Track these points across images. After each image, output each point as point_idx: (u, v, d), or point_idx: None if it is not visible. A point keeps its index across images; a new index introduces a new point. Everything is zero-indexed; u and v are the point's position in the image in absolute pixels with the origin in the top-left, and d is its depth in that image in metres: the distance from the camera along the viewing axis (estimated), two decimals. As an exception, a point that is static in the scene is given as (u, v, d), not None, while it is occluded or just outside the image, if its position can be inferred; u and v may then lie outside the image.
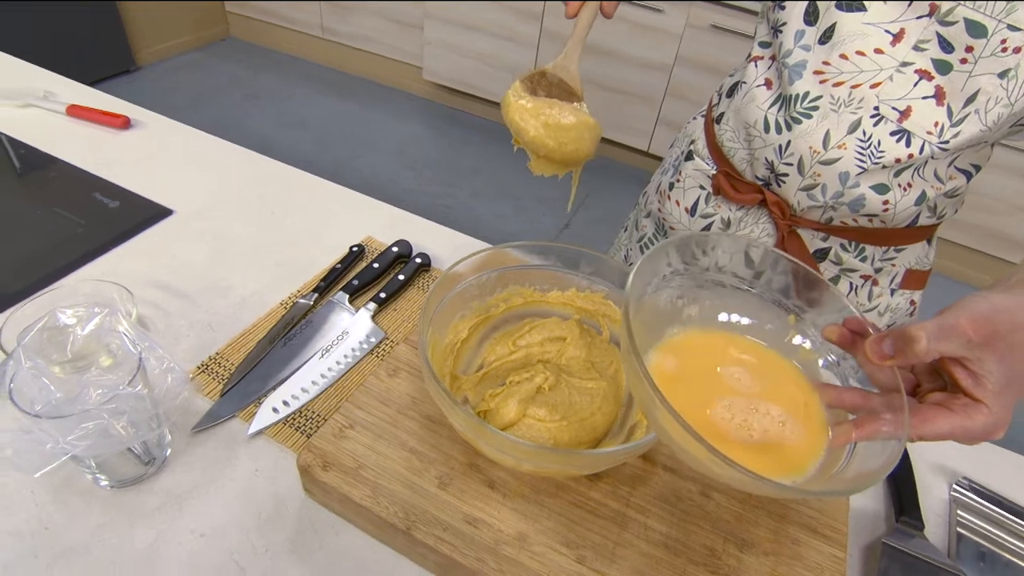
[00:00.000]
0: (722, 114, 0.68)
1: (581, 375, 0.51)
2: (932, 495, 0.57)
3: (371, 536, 0.47)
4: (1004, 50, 0.49)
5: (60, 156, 0.82)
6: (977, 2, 0.48)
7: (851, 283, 0.68)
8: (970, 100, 0.52)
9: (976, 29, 0.49)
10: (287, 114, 2.65)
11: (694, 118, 0.78)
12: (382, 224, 0.78)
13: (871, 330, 0.39)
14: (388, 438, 0.48)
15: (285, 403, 0.55)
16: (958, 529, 0.55)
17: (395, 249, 0.71)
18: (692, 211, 0.74)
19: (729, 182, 0.67)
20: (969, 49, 0.50)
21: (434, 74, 2.67)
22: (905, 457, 0.59)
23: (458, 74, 2.62)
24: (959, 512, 0.56)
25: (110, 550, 0.44)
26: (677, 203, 0.75)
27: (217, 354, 0.59)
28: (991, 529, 0.55)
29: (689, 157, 0.74)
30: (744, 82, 0.64)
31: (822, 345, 0.44)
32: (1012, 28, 0.48)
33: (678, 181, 0.75)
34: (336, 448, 0.47)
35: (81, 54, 2.48)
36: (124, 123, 0.88)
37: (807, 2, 0.56)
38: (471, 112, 2.81)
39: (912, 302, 0.72)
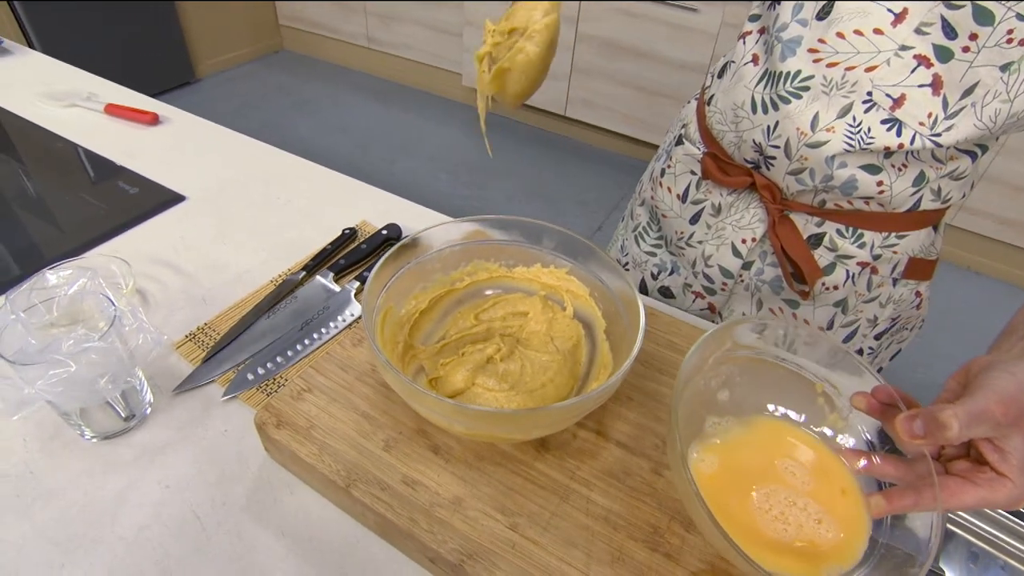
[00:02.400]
0: (713, 95, 0.67)
1: (538, 348, 0.51)
2: (923, 492, 0.54)
3: (321, 495, 0.48)
4: (1009, 41, 0.46)
5: (93, 149, 0.89)
6: None
7: (848, 271, 0.64)
8: (967, 92, 0.49)
9: (984, 15, 0.46)
10: (332, 120, 2.76)
11: (688, 102, 0.77)
12: (378, 209, 0.81)
13: (901, 404, 0.40)
14: (342, 402, 0.49)
15: (260, 370, 0.58)
16: (948, 527, 0.51)
17: (384, 232, 0.73)
18: (683, 197, 0.72)
19: (717, 164, 0.65)
20: (973, 37, 0.47)
21: (474, 80, 2.72)
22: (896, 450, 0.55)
23: (496, 79, 2.66)
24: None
25: (82, 495, 0.48)
26: (668, 189, 0.74)
27: (205, 324, 0.62)
28: (983, 527, 0.51)
29: (679, 141, 0.73)
30: (733, 61, 0.63)
31: (851, 413, 0.45)
32: (1021, 17, 0.45)
33: (669, 167, 0.74)
34: (292, 409, 0.49)
35: (146, 68, 2.69)
36: (153, 119, 0.95)
37: None
38: (509, 117, 2.84)
39: (918, 293, 0.68)
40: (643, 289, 0.81)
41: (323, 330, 0.62)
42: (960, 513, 0.52)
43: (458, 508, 0.43)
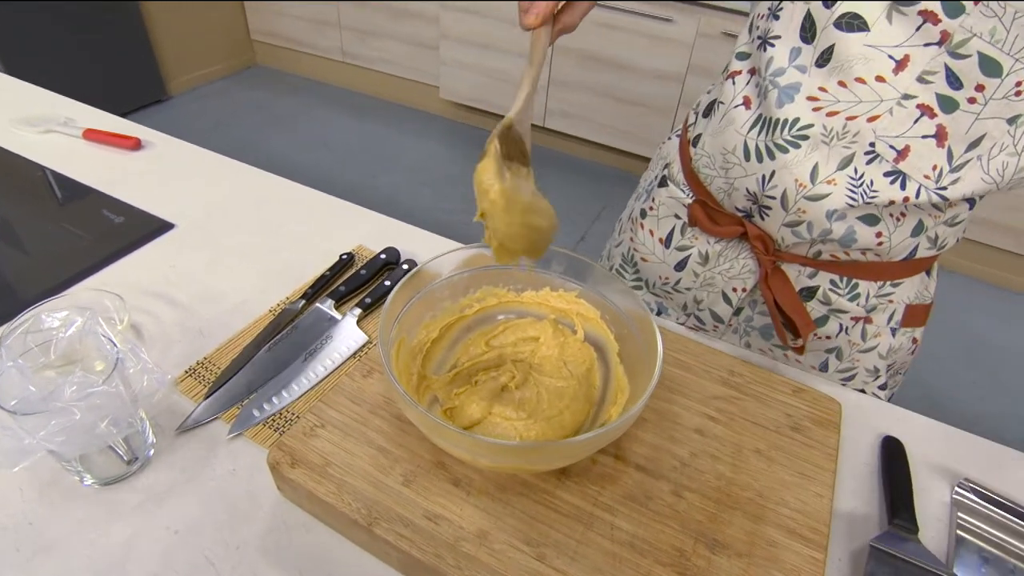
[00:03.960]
0: (699, 136, 0.63)
1: (551, 374, 0.51)
2: (932, 497, 0.55)
3: (338, 533, 0.47)
4: (1018, 94, 0.44)
5: (73, 176, 0.86)
6: (996, 37, 0.43)
7: (841, 324, 0.63)
8: (973, 145, 0.47)
9: (991, 67, 0.44)
10: (309, 136, 2.73)
11: (668, 138, 0.74)
12: (374, 233, 0.80)
13: None
14: (356, 436, 0.48)
15: (266, 405, 0.56)
16: (959, 532, 0.52)
17: (383, 256, 0.72)
18: (667, 242, 0.69)
19: (706, 213, 0.62)
20: (980, 88, 0.45)
21: (451, 93, 2.73)
22: (903, 457, 0.56)
23: (474, 92, 2.67)
24: (961, 515, 0.53)
25: (87, 545, 0.46)
26: (651, 232, 0.70)
27: (205, 358, 0.61)
28: (995, 532, 0.52)
29: (663, 183, 0.69)
30: (722, 102, 0.58)
31: None
32: None
33: (651, 209, 0.70)
34: (305, 446, 0.47)
35: (116, 86, 2.62)
36: (135, 144, 0.92)
37: (804, 16, 0.50)
38: (489, 129, 2.84)
39: (914, 340, 0.67)
40: None
41: (328, 361, 0.61)
42: (972, 520, 0.53)
43: (484, 541, 0.43)
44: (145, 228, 0.77)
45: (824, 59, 0.49)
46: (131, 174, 0.88)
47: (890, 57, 0.47)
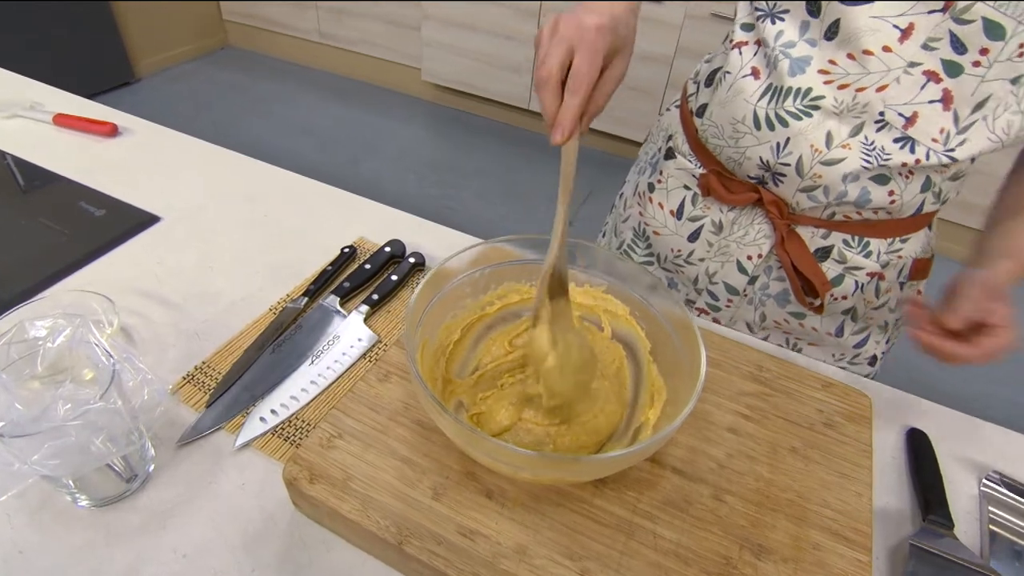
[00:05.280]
0: (703, 106, 0.63)
1: None
2: (960, 491, 0.54)
3: (363, 551, 0.44)
4: (1021, 55, 0.46)
5: (45, 166, 0.80)
6: (1000, 1, 0.44)
7: (856, 281, 0.63)
8: (979, 106, 0.49)
9: (994, 30, 0.45)
10: (287, 120, 2.64)
11: (668, 109, 0.73)
12: (375, 224, 0.76)
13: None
14: (379, 447, 0.45)
15: (273, 412, 0.53)
16: (990, 527, 0.52)
17: (387, 249, 0.69)
18: (678, 214, 0.69)
19: (721, 182, 0.63)
20: (984, 51, 0.46)
21: (433, 75, 2.65)
22: (930, 450, 0.55)
23: (458, 75, 2.60)
24: (991, 508, 0.53)
25: (87, 573, 0.42)
26: (660, 206, 0.70)
27: (203, 363, 0.57)
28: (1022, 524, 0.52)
29: (670, 155, 0.69)
30: (728, 72, 0.59)
31: None
32: None
33: (659, 182, 0.70)
34: (323, 459, 0.44)
35: (80, 68, 2.49)
36: (111, 131, 0.86)
37: None
38: (473, 112, 2.78)
39: (919, 292, 0.69)
40: None
41: (336, 362, 0.57)
42: (1001, 513, 0.52)
43: (523, 557, 0.40)
44: (128, 222, 0.72)
45: (832, 32, 0.51)
46: (109, 163, 0.82)
47: (895, 27, 0.48)
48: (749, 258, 0.65)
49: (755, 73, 0.56)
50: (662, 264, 0.75)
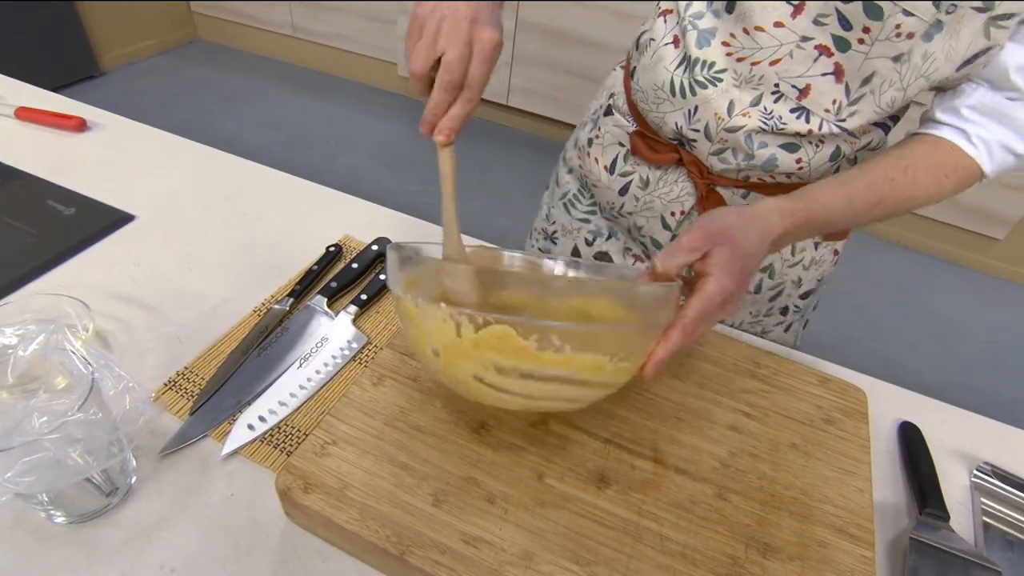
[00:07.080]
0: (634, 69, 0.65)
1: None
2: (952, 482, 0.55)
3: (361, 562, 0.42)
4: (898, 35, 0.48)
5: (8, 162, 0.76)
6: None
7: None
8: (866, 81, 0.51)
9: (873, 11, 0.47)
10: (260, 115, 2.57)
11: (614, 69, 0.74)
12: (360, 222, 0.74)
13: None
14: (375, 453, 0.44)
15: (261, 419, 0.50)
16: (983, 518, 0.52)
17: (375, 248, 0.67)
18: (611, 169, 0.71)
19: (645, 142, 0.65)
20: (866, 30, 0.49)
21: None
22: (923, 443, 0.56)
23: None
24: (983, 500, 0.53)
25: (67, 595, 0.39)
26: (596, 160, 0.72)
27: (185, 368, 0.54)
28: (1018, 517, 0.52)
29: (608, 112, 0.71)
30: (652, 39, 0.61)
31: None
32: (907, 13, 0.47)
33: (597, 137, 0.72)
34: (318, 467, 0.42)
35: (41, 60, 2.39)
36: (79, 125, 0.82)
37: None
38: (450, 108, 2.75)
39: (836, 252, 0.71)
40: (575, 254, 0.80)
41: (326, 365, 0.55)
42: (993, 504, 0.53)
43: (530, 563, 0.39)
44: (101, 221, 0.69)
45: (730, 7, 0.53)
46: (78, 159, 0.78)
47: (788, 2, 0.50)
48: (672, 214, 0.67)
49: (675, 42, 0.58)
50: (603, 214, 0.76)
